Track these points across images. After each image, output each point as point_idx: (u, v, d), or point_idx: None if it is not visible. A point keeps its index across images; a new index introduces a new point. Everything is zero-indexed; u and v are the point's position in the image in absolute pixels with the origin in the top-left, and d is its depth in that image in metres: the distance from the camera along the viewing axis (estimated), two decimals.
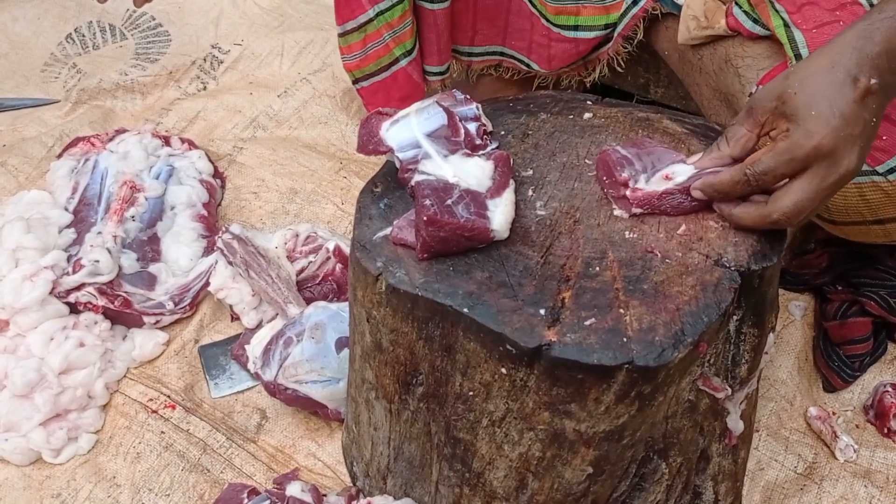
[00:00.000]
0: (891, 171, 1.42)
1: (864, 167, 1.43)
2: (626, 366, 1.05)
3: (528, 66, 1.93)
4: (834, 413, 1.68)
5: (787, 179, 1.15)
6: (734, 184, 1.16)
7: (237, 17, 2.39)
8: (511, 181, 1.21)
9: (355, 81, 1.94)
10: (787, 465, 1.61)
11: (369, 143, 1.28)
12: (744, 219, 1.17)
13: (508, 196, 1.19)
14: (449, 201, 1.17)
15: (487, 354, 1.11)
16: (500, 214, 1.17)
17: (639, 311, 1.09)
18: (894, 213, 1.46)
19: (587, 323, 1.08)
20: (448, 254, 1.16)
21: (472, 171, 1.21)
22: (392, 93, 1.94)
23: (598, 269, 1.15)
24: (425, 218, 1.14)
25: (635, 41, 1.81)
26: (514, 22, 1.88)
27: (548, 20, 1.82)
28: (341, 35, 1.86)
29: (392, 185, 1.27)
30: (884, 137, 1.41)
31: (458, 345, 1.13)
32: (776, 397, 1.68)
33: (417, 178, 1.20)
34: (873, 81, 1.11)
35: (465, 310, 1.10)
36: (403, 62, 1.89)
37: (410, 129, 1.27)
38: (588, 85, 1.98)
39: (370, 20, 1.82)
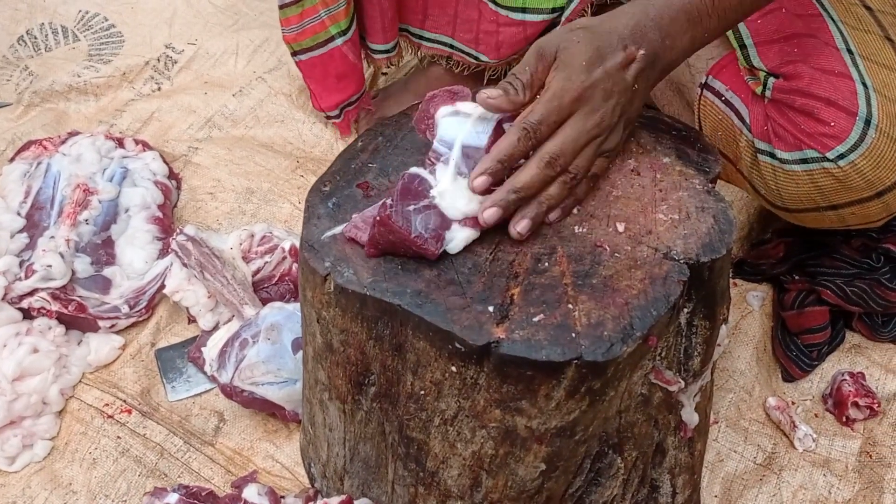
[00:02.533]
0: (840, 156, 1.42)
1: (814, 154, 1.43)
2: (575, 361, 1.05)
3: (476, 58, 1.92)
4: (793, 403, 1.69)
5: None
6: (516, 142, 1.16)
7: (191, 17, 2.37)
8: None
9: (294, 54, 1.94)
10: (747, 456, 1.61)
11: (423, 120, 1.25)
12: (526, 179, 1.16)
13: (474, 233, 1.17)
14: (411, 207, 1.14)
15: (437, 353, 1.10)
16: (457, 241, 1.15)
17: (587, 306, 1.09)
18: (847, 198, 1.47)
19: (536, 319, 1.07)
20: (396, 255, 1.15)
21: (463, 196, 1.17)
22: (329, 69, 1.94)
23: (547, 264, 1.14)
24: (378, 217, 1.13)
25: None
26: (463, 12, 1.87)
27: (495, 3, 1.82)
28: (281, 7, 1.87)
29: (341, 184, 1.26)
30: (831, 124, 1.42)
31: (408, 344, 1.12)
32: (735, 388, 1.68)
33: (413, 170, 1.18)
34: (640, 52, 1.19)
35: (414, 308, 1.09)
36: (339, 41, 1.88)
37: (458, 131, 1.21)
38: None
39: None
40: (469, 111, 1.21)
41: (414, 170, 1.18)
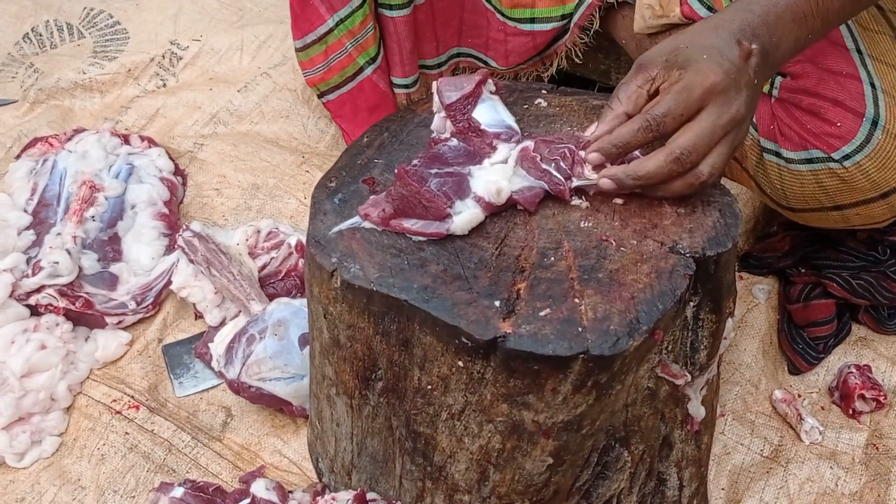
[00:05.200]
0: (846, 157, 1.42)
1: (820, 154, 1.43)
2: (582, 355, 1.05)
3: (485, 63, 1.92)
4: (799, 395, 1.69)
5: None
6: (635, 132, 1.14)
7: (196, 13, 2.37)
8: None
9: (320, 95, 1.91)
10: (753, 449, 1.61)
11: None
12: (650, 169, 1.14)
13: (479, 215, 1.19)
14: (433, 171, 1.18)
15: (444, 348, 1.10)
16: (463, 217, 1.16)
17: (594, 301, 1.09)
18: (851, 199, 1.47)
19: (542, 313, 1.08)
20: (408, 216, 1.16)
21: (494, 176, 1.20)
22: (359, 104, 1.91)
23: (553, 259, 1.14)
24: (398, 171, 1.16)
25: (592, 31, 1.81)
26: (469, 19, 1.86)
27: (503, 15, 1.81)
28: (301, 49, 1.83)
29: (347, 179, 1.27)
30: (838, 124, 1.42)
31: (414, 339, 1.13)
32: (741, 381, 1.68)
33: (451, 143, 1.22)
34: (754, 46, 1.17)
35: (421, 303, 1.09)
36: (368, 70, 1.86)
37: (498, 114, 1.27)
38: (546, 79, 1.96)
39: (330, 30, 1.79)
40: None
41: (453, 143, 1.22)
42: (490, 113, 1.25)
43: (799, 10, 1.21)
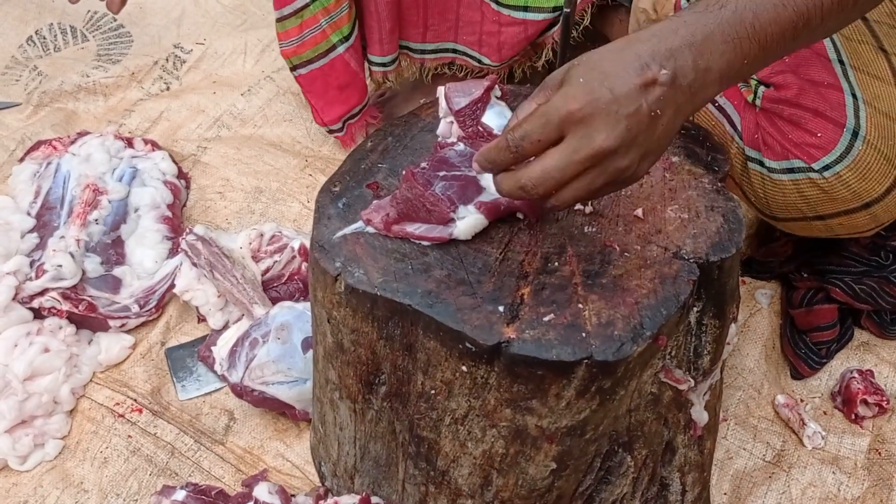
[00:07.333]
0: (826, 167, 1.43)
1: (800, 164, 1.44)
2: (586, 361, 1.05)
3: (478, 61, 1.92)
4: (801, 400, 1.69)
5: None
6: (498, 151, 1.06)
7: (199, 17, 2.38)
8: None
9: (293, 68, 1.92)
10: (756, 454, 1.61)
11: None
12: (499, 185, 1.08)
13: (483, 221, 1.18)
14: (440, 174, 1.18)
15: (448, 353, 1.10)
16: (466, 222, 1.17)
17: (598, 306, 1.09)
18: (833, 209, 1.47)
19: (546, 319, 1.08)
20: (411, 219, 1.17)
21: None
22: (330, 81, 1.92)
23: (556, 264, 1.14)
24: (405, 172, 1.16)
25: (581, 27, 1.82)
26: (465, 14, 1.87)
27: (497, 2, 1.82)
28: (279, 20, 1.85)
29: (351, 184, 1.27)
30: (818, 135, 1.42)
31: (418, 343, 1.13)
32: (744, 386, 1.68)
33: (458, 147, 1.23)
34: (663, 72, 1.03)
35: (425, 308, 1.09)
36: (341, 49, 1.87)
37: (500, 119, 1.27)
38: (539, 68, 1.98)
39: (306, 5, 1.81)
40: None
41: (460, 147, 1.22)
42: (498, 118, 1.25)
43: (731, 31, 1.07)
